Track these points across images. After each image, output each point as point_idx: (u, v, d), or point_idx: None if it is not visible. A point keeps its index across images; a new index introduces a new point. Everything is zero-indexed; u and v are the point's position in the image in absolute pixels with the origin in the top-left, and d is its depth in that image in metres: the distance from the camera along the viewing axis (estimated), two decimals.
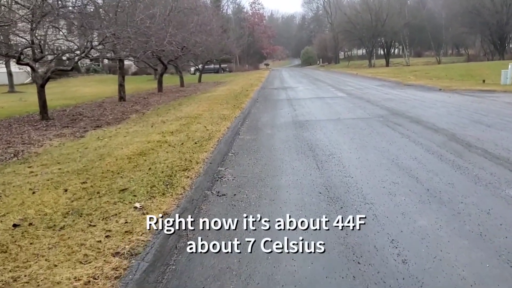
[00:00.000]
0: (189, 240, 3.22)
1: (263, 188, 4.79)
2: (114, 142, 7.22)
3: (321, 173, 5.29)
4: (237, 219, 3.25)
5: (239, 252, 3.03)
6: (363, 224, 3.33)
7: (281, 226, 3.20)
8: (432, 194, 4.33)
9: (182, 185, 4.47)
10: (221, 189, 4.80)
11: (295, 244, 3.00)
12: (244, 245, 3.04)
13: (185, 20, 17.46)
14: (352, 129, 8.42)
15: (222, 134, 7.72)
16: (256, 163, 5.97)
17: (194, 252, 3.02)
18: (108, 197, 4.15)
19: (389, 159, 5.85)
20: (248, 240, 3.05)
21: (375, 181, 4.87)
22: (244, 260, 3.02)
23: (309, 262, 2.99)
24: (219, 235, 3.27)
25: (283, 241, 3.01)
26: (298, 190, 4.63)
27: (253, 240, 3.04)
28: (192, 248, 3.02)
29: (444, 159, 5.74)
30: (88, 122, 10.76)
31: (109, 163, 5.58)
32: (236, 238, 3.09)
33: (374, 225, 3.59)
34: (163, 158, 5.67)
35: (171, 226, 3.21)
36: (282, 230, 3.19)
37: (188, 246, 3.05)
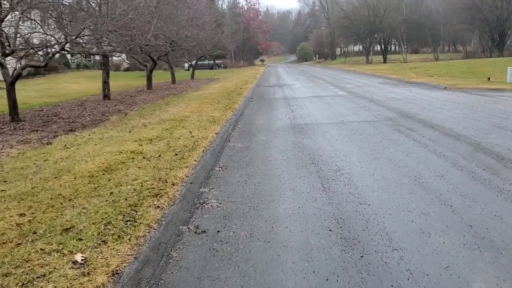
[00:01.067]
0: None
1: (255, 220, 3.71)
2: (81, 153, 6.10)
3: (329, 197, 4.22)
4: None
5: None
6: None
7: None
8: (478, 234, 3.27)
9: (148, 221, 3.38)
10: (201, 221, 3.71)
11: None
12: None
13: (175, 13, 16.27)
14: (360, 135, 7.35)
15: (209, 142, 6.62)
16: (248, 182, 4.89)
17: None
18: (45, 241, 3.06)
19: (411, 177, 4.78)
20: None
21: (399, 210, 3.80)
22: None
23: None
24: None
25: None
26: (302, 225, 3.56)
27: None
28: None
29: (477, 178, 4.69)
30: (62, 124, 9.61)
31: (65, 184, 4.48)
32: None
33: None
34: (132, 177, 4.57)
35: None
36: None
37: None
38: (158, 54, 19.03)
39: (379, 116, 9.47)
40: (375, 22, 54.43)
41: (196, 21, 19.62)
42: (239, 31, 60.73)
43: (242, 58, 71.75)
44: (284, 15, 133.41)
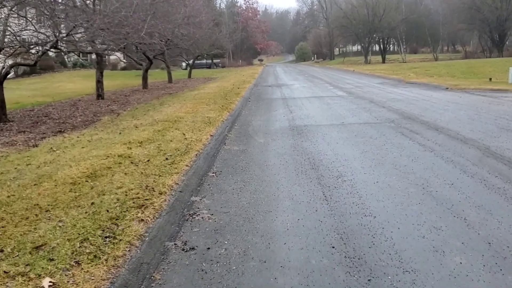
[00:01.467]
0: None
1: (250, 235, 3.36)
2: (66, 156, 5.74)
3: (331, 208, 3.87)
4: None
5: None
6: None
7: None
8: (499, 253, 2.93)
9: (129, 237, 3.02)
10: (190, 236, 3.36)
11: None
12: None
13: (170, 11, 15.89)
14: (361, 138, 7.00)
15: (203, 145, 6.27)
16: (243, 189, 4.54)
17: None
18: (11, 261, 2.70)
19: (418, 186, 4.44)
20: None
21: (408, 224, 3.46)
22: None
23: None
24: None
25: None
26: (301, 241, 3.21)
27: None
28: None
29: (490, 186, 4.35)
30: (52, 125, 9.23)
31: (44, 192, 4.12)
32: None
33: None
34: (117, 185, 4.21)
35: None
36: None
37: None
38: (153, 53, 18.63)
39: (380, 117, 9.13)
40: (374, 22, 54.11)
41: (193, 20, 19.24)
42: (237, 31, 60.28)
43: (240, 58, 71.38)
44: (282, 14, 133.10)
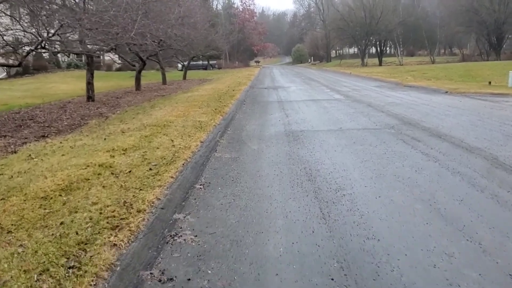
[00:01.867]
0: None
1: (238, 263, 2.95)
2: (43, 165, 5.31)
3: (329, 229, 3.48)
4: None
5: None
6: None
7: None
8: None
9: (97, 268, 2.61)
10: (169, 263, 2.95)
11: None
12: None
13: (163, 11, 15.46)
14: (360, 146, 6.62)
15: (191, 153, 5.86)
16: (232, 204, 4.13)
17: None
18: None
19: (424, 201, 4.05)
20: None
21: (416, 249, 3.06)
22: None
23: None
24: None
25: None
26: (296, 271, 2.81)
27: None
28: None
29: (503, 203, 3.97)
30: (35, 129, 8.79)
31: (11, 208, 3.70)
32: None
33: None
34: (93, 200, 3.79)
35: None
36: None
37: None
38: (146, 54, 18.20)
39: (379, 123, 8.75)
40: (371, 24, 53.82)
41: (187, 20, 18.82)
42: (234, 32, 59.89)
43: (237, 59, 70.98)
44: (279, 16, 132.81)
